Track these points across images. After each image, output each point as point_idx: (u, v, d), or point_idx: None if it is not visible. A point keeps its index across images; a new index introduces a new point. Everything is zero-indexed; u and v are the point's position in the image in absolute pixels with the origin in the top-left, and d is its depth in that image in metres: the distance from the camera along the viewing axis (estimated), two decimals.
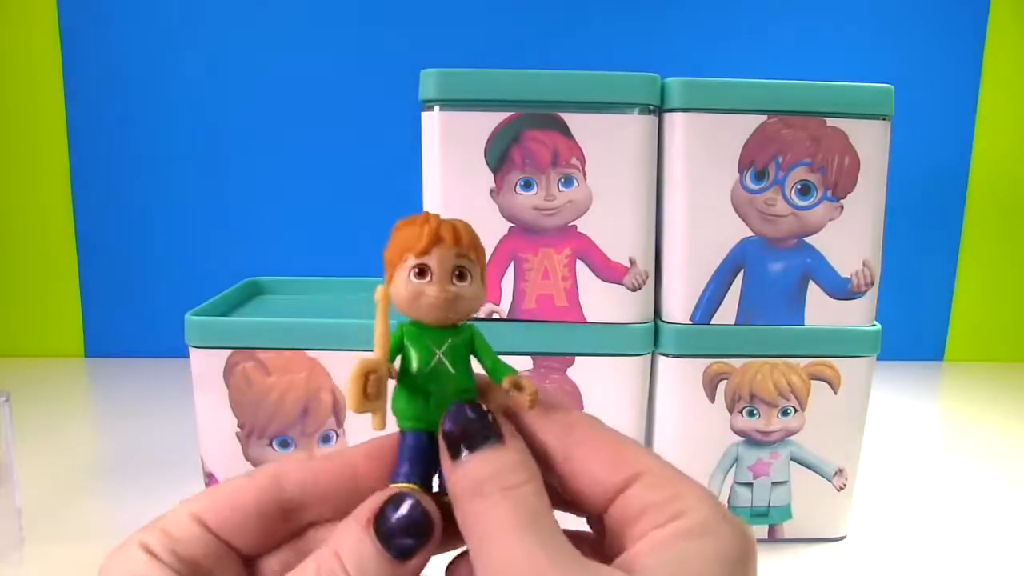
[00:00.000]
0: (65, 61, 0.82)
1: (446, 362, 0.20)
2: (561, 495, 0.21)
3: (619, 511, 0.19)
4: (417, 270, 0.20)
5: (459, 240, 0.21)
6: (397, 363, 0.21)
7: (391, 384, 0.20)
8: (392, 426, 0.21)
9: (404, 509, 0.19)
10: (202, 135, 0.83)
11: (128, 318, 0.86)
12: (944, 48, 0.85)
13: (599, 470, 0.20)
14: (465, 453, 0.19)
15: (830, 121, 0.43)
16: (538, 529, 0.18)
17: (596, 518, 0.21)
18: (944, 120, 0.87)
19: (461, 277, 0.20)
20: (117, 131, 0.83)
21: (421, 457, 0.20)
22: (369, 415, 0.20)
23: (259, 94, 0.83)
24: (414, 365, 0.20)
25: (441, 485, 0.20)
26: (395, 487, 0.20)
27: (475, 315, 0.21)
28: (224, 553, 0.20)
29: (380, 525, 0.19)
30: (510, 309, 0.44)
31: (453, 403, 0.20)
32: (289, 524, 0.21)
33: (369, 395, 0.20)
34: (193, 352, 0.44)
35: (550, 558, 0.17)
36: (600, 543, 0.20)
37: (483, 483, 0.19)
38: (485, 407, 0.20)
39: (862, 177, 0.44)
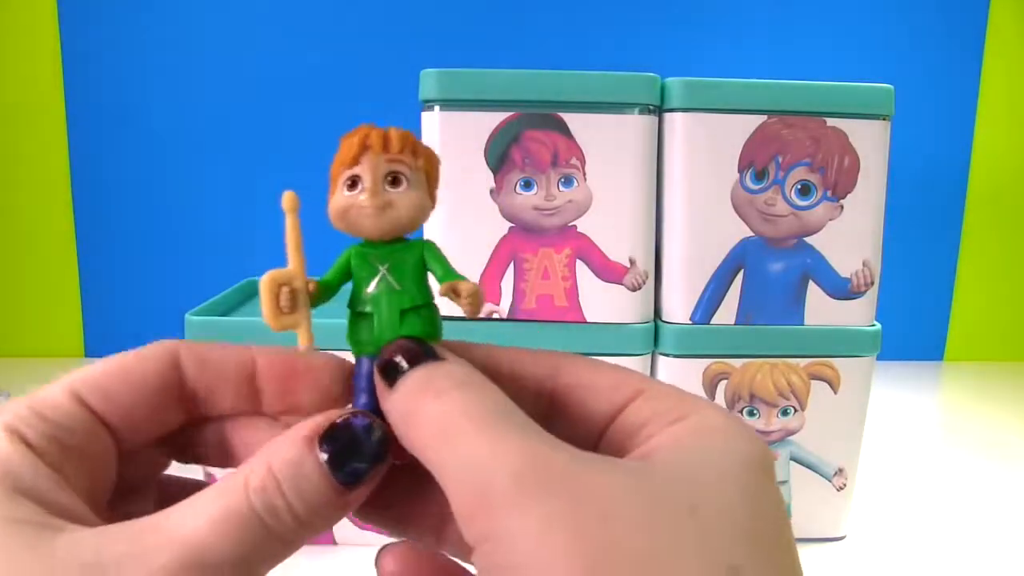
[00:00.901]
0: (65, 61, 0.82)
1: (391, 279, 0.19)
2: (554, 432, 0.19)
3: (620, 427, 0.17)
4: (349, 182, 0.19)
5: (388, 145, 0.19)
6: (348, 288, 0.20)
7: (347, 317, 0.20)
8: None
9: (359, 429, 0.17)
10: (202, 135, 0.83)
11: (128, 318, 0.86)
12: (944, 48, 0.85)
13: (600, 391, 0.18)
14: (402, 375, 0.17)
15: (830, 121, 0.43)
16: (514, 417, 0.15)
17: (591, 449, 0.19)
18: (944, 120, 0.87)
19: (395, 183, 0.19)
20: (117, 131, 0.83)
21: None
22: (295, 335, 0.19)
23: (259, 94, 0.83)
24: (361, 285, 0.20)
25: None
26: (344, 411, 0.18)
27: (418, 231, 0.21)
28: (106, 440, 0.17)
29: (328, 445, 0.16)
30: (510, 309, 0.44)
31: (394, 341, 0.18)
32: (181, 414, 0.19)
33: (283, 308, 0.19)
34: None
35: (548, 446, 0.15)
36: None
37: (428, 386, 0.16)
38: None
39: (862, 177, 0.44)
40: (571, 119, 0.42)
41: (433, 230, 0.44)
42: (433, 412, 0.16)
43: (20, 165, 0.84)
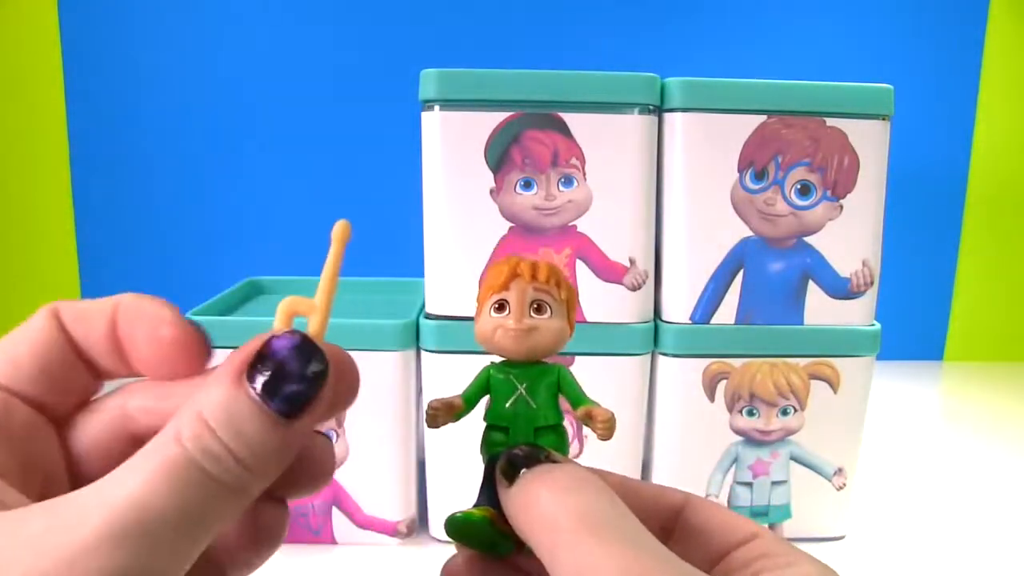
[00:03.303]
0: (65, 61, 0.82)
1: (527, 397, 0.21)
2: None
3: (731, 561, 0.18)
4: (497, 305, 0.21)
5: (536, 275, 0.21)
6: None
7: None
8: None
9: (286, 350, 0.15)
10: (202, 135, 0.83)
11: None
12: (944, 48, 0.85)
13: (721, 528, 0.19)
14: (520, 474, 0.18)
15: (830, 121, 0.43)
16: (622, 525, 0.16)
17: None
18: (944, 120, 0.87)
19: (539, 310, 0.21)
20: (117, 131, 0.83)
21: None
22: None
23: (259, 94, 0.83)
24: (499, 401, 0.21)
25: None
26: (270, 333, 0.16)
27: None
28: (33, 418, 0.16)
29: (256, 375, 0.15)
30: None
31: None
32: (87, 374, 0.17)
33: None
34: None
35: (651, 557, 0.15)
36: None
37: (545, 481, 0.17)
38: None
39: (862, 177, 0.44)
40: (571, 119, 0.42)
41: (434, 230, 0.44)
42: (548, 507, 0.16)
43: (20, 165, 0.84)
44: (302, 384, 0.15)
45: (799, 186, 0.44)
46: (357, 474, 0.45)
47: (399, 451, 0.45)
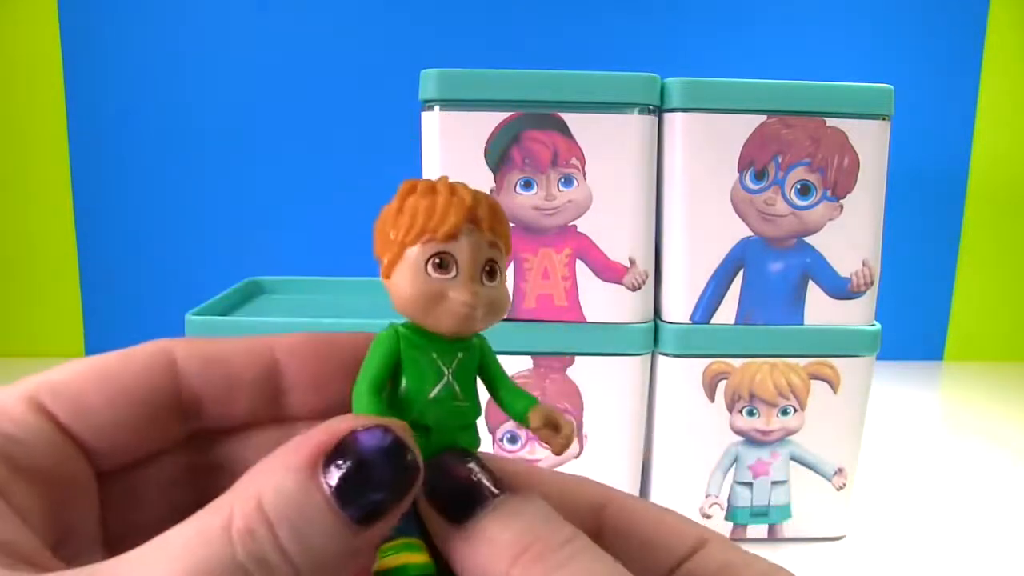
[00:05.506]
0: (65, 61, 0.82)
1: (456, 386, 0.15)
2: None
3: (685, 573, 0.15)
4: (438, 260, 0.15)
5: (495, 223, 0.15)
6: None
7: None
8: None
9: (375, 449, 0.12)
10: (202, 135, 0.83)
11: (128, 318, 0.86)
12: (944, 48, 0.85)
13: (659, 533, 0.15)
14: (472, 515, 0.14)
15: (830, 121, 0.43)
16: None
17: None
18: (944, 120, 0.87)
19: (491, 275, 0.15)
20: (117, 131, 0.83)
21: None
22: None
23: (259, 94, 0.83)
24: (417, 388, 0.15)
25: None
26: (356, 420, 0.13)
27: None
28: (78, 463, 0.14)
29: (333, 469, 0.12)
30: (510, 309, 0.44)
31: (443, 454, 0.15)
32: (177, 427, 0.15)
33: None
34: None
35: None
36: None
37: (521, 552, 0.13)
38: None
39: (862, 177, 0.44)
40: (571, 119, 0.42)
41: None
42: None
43: (20, 165, 0.84)
44: (386, 492, 0.12)
45: (799, 186, 0.44)
46: None
47: None
